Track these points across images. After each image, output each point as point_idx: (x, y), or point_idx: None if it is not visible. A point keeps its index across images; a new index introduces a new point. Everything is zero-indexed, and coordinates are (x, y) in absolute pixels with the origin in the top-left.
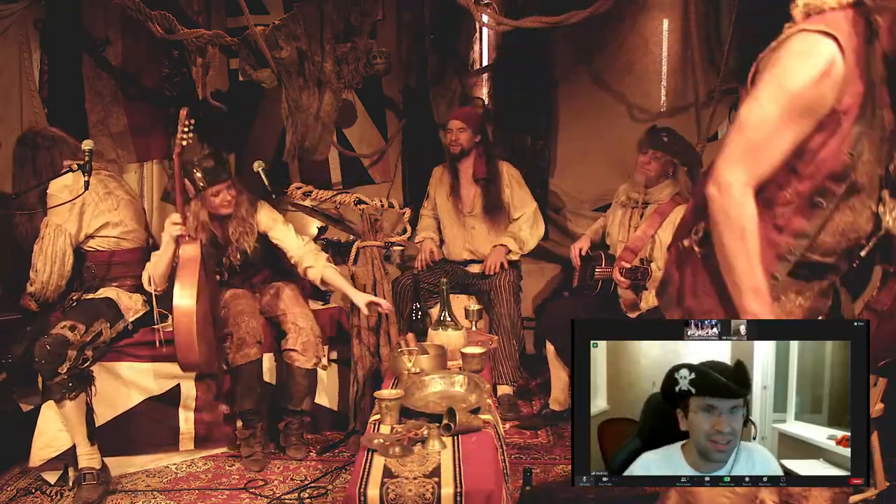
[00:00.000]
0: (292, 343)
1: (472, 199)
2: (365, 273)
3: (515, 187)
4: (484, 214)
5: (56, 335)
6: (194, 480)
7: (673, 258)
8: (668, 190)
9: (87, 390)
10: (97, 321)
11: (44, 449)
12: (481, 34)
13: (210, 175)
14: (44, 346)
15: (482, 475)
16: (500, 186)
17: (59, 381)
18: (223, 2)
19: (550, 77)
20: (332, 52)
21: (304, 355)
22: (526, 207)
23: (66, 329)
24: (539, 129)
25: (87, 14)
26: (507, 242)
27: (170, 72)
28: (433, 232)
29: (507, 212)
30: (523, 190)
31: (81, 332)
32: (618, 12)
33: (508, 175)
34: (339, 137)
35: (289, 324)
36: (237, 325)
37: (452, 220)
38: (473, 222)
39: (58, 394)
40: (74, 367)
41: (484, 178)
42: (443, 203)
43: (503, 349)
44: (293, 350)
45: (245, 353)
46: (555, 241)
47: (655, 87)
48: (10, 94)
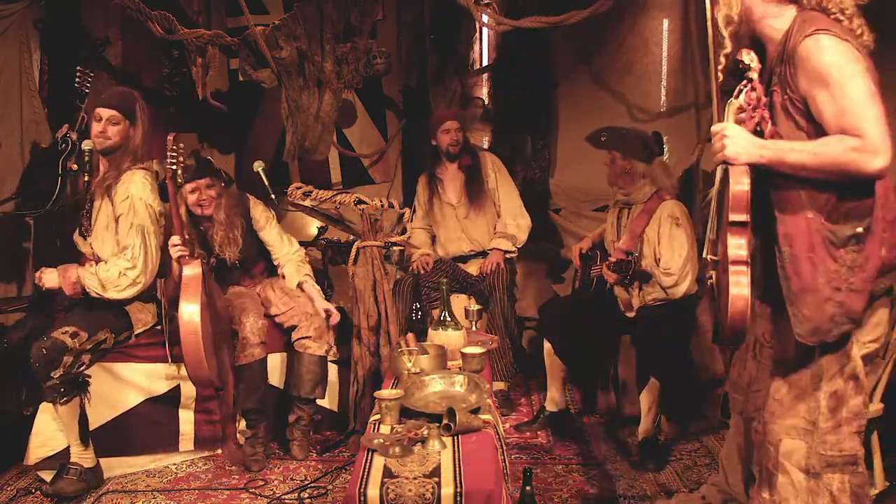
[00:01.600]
0: (304, 331)
1: (459, 190)
2: (365, 273)
3: (499, 175)
4: (470, 201)
5: (55, 339)
6: (194, 480)
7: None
8: (647, 189)
9: (80, 395)
10: (101, 330)
11: (40, 448)
12: (481, 34)
13: (188, 171)
14: (40, 350)
15: (482, 475)
16: (485, 172)
17: (52, 385)
18: (223, 2)
19: (550, 77)
20: (332, 52)
21: (316, 342)
22: (509, 199)
23: (66, 335)
24: (539, 129)
25: (87, 14)
26: (501, 245)
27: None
28: (427, 248)
29: (492, 197)
30: (506, 179)
31: (82, 340)
32: (618, 12)
33: (492, 163)
34: (339, 137)
35: (298, 314)
36: (241, 324)
37: (444, 217)
38: (464, 211)
39: (50, 397)
40: (69, 372)
41: (468, 165)
42: (430, 203)
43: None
44: (306, 338)
45: (249, 353)
46: (555, 240)
47: (655, 87)
48: (10, 94)
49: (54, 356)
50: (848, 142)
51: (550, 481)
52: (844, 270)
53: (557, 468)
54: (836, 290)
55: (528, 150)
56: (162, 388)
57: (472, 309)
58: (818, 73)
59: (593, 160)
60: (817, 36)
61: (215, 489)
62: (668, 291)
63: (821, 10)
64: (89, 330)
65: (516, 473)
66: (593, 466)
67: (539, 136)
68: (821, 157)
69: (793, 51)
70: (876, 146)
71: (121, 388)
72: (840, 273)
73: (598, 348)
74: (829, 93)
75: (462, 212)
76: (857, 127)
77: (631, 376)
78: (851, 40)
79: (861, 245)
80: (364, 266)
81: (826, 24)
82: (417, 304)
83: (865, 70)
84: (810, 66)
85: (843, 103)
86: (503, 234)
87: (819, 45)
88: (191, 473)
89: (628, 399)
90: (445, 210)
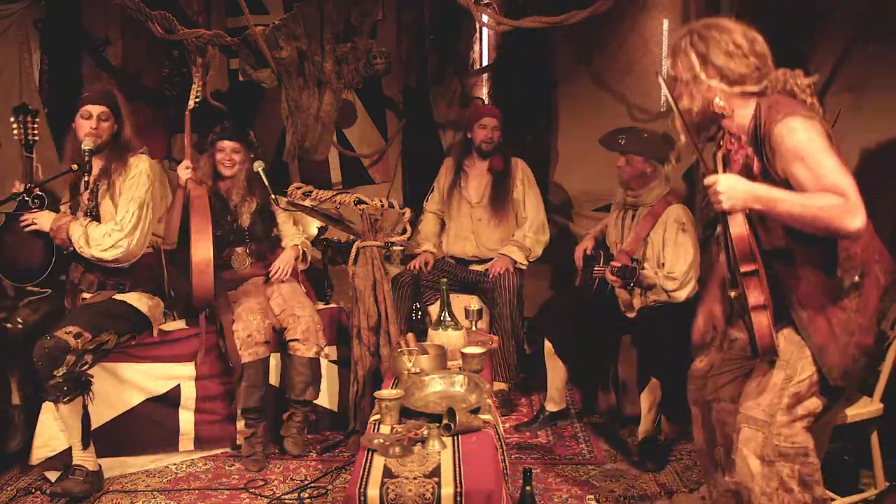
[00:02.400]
0: (292, 333)
1: (483, 190)
2: (365, 273)
3: (528, 186)
4: (491, 206)
5: (58, 339)
6: (194, 480)
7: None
8: (657, 191)
9: (83, 395)
10: (105, 332)
11: (42, 448)
12: (481, 34)
13: (223, 131)
14: (42, 348)
15: (482, 475)
16: (513, 181)
17: (55, 384)
18: (223, 2)
19: (550, 77)
20: (332, 52)
21: (304, 344)
22: (534, 212)
23: (70, 336)
24: (539, 129)
25: (87, 14)
26: (512, 253)
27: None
28: (433, 245)
29: (514, 208)
30: (535, 191)
31: (86, 340)
32: (618, 12)
33: (523, 172)
34: (339, 137)
35: (288, 316)
36: (248, 322)
37: (459, 212)
38: (481, 213)
39: (53, 395)
40: (71, 371)
41: (499, 170)
42: (449, 192)
43: (502, 349)
44: (295, 340)
45: (254, 351)
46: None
47: (655, 87)
48: (10, 94)
49: (57, 355)
50: (833, 198)
51: (550, 481)
52: (853, 315)
53: (557, 468)
54: (851, 334)
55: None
56: (162, 389)
57: (472, 309)
58: (793, 152)
59: (593, 160)
60: (786, 120)
61: (215, 489)
62: (671, 296)
63: (786, 94)
64: (93, 331)
65: (516, 473)
66: (593, 466)
67: (539, 136)
68: (808, 210)
69: (766, 137)
70: (856, 205)
71: (121, 388)
72: (850, 319)
73: (598, 348)
74: (806, 166)
75: (479, 213)
76: (838, 187)
77: (631, 376)
78: (815, 115)
79: (861, 290)
80: (364, 266)
81: (790, 107)
82: (417, 303)
83: (831, 146)
84: (784, 148)
85: (819, 171)
86: (519, 245)
87: (790, 127)
88: (191, 473)
89: (628, 399)
90: (462, 206)
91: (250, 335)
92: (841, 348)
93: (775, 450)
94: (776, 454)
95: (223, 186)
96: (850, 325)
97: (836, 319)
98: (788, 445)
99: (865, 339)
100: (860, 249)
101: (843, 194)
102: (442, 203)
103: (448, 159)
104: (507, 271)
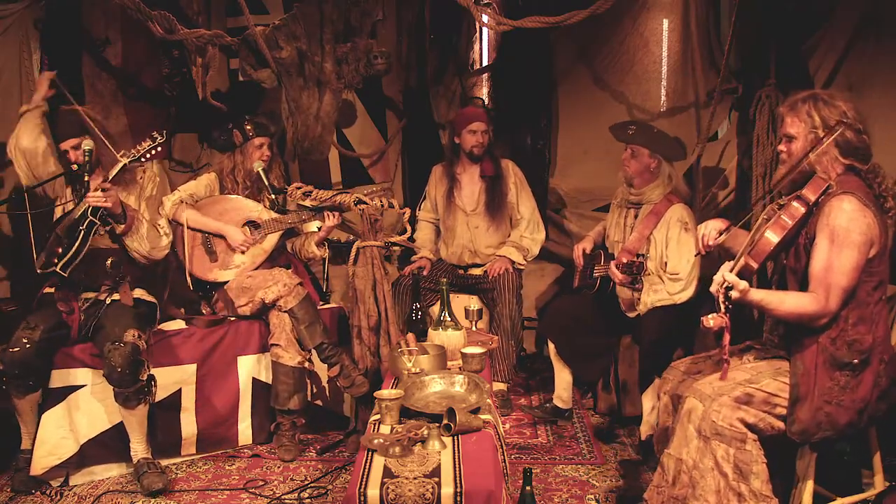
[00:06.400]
0: (276, 337)
1: (476, 197)
2: (365, 273)
3: (520, 187)
4: (487, 212)
5: (129, 343)
6: (194, 480)
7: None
8: (660, 190)
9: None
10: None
11: (46, 457)
12: (481, 34)
13: (258, 128)
14: (123, 354)
15: (482, 475)
16: (507, 184)
17: (138, 387)
18: (223, 2)
19: (550, 77)
20: (332, 52)
21: (287, 351)
22: (528, 211)
23: (135, 338)
24: (539, 129)
25: (87, 14)
26: (510, 254)
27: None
28: (429, 252)
29: (509, 211)
30: (526, 191)
31: (145, 340)
32: (618, 12)
33: (514, 173)
34: (339, 137)
35: (273, 318)
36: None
37: (454, 220)
38: (477, 221)
39: (135, 400)
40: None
41: (491, 175)
42: (443, 202)
43: (501, 349)
44: (276, 345)
45: (297, 293)
46: (555, 241)
47: (655, 87)
48: (10, 94)
49: (134, 358)
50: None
51: (550, 481)
52: (837, 389)
53: (557, 468)
54: (827, 402)
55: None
56: (163, 394)
57: (472, 309)
58: (830, 228)
59: (593, 160)
60: (842, 196)
61: (215, 489)
62: (675, 297)
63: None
64: (142, 330)
65: (516, 473)
66: (593, 466)
67: (539, 136)
68: (783, 305)
69: (824, 203)
70: (830, 313)
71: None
72: (833, 391)
73: (599, 348)
74: (828, 247)
75: (475, 221)
76: (829, 290)
77: (631, 376)
78: (871, 206)
79: (856, 372)
80: (364, 266)
81: (854, 186)
82: (417, 303)
83: (864, 243)
84: (826, 220)
85: (833, 263)
86: (516, 246)
87: (841, 205)
88: (191, 473)
89: (629, 399)
90: (458, 215)
91: (285, 284)
92: (812, 409)
93: (712, 426)
94: (712, 430)
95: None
96: (829, 395)
97: (820, 384)
98: (725, 426)
99: (838, 416)
100: (875, 339)
101: (826, 299)
102: (435, 211)
103: (437, 167)
104: (507, 271)
